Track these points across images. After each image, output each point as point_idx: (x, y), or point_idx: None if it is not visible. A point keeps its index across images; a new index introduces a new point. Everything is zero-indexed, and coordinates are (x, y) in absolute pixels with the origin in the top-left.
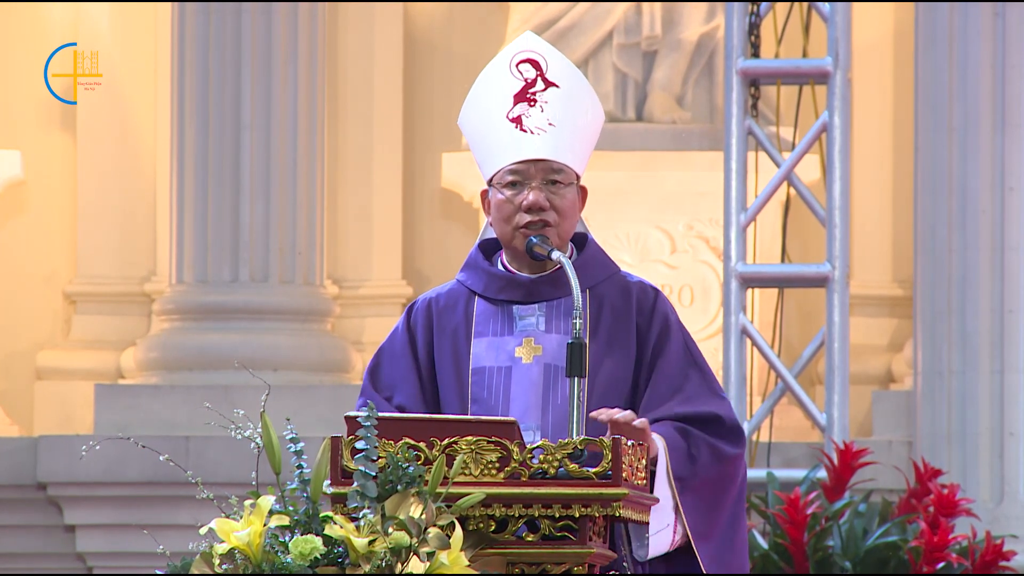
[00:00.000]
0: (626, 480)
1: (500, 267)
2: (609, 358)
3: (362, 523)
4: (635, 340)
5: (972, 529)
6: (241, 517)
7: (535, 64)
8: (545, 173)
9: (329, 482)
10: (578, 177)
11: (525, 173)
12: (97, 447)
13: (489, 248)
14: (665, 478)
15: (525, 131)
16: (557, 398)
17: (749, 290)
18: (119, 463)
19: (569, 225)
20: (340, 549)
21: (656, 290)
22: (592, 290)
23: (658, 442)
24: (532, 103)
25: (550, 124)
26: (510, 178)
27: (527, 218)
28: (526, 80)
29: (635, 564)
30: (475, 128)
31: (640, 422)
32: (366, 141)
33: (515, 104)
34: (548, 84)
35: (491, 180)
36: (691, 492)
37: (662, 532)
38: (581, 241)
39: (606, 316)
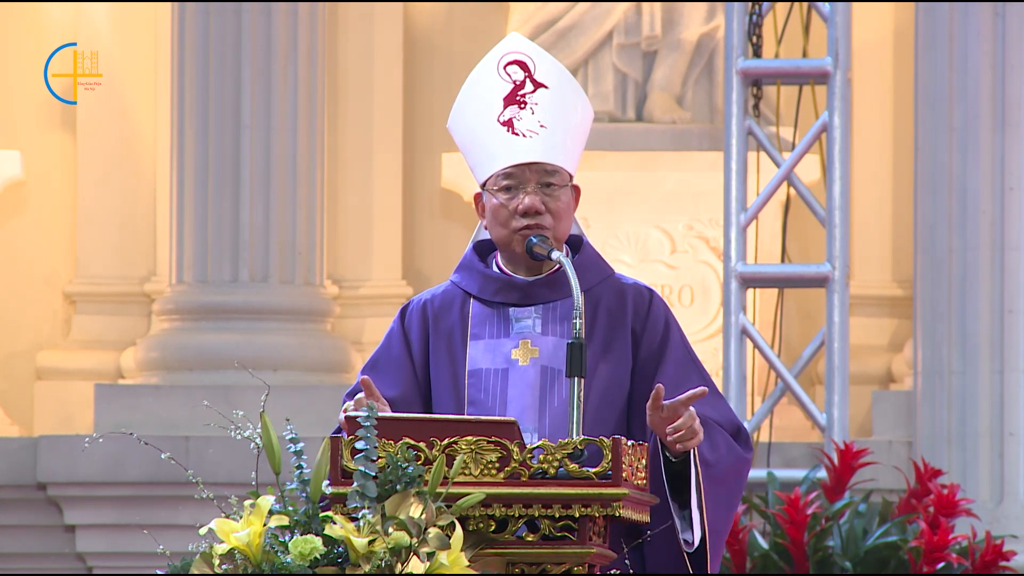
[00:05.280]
0: (626, 480)
1: (495, 269)
2: (605, 361)
3: (361, 523)
4: (631, 343)
5: (972, 529)
6: (241, 517)
7: (523, 66)
8: (539, 176)
9: (329, 482)
10: (571, 177)
11: (519, 177)
12: (100, 440)
13: (483, 250)
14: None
15: (517, 134)
16: (554, 400)
17: (749, 290)
18: (119, 463)
19: (565, 227)
20: (340, 549)
21: (651, 291)
22: (588, 293)
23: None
24: (522, 105)
25: (541, 126)
26: (504, 182)
27: (523, 222)
28: (515, 82)
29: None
30: (466, 132)
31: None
32: (366, 141)
33: (505, 107)
34: (537, 85)
35: (484, 184)
36: (710, 483)
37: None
38: (576, 243)
39: (601, 319)
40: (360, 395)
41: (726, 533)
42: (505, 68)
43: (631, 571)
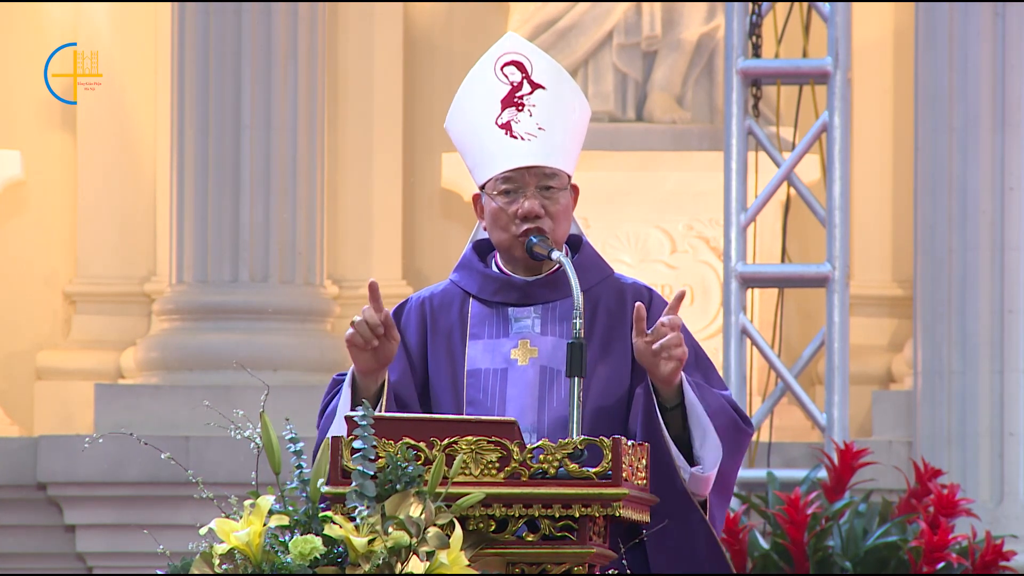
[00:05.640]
0: (626, 480)
1: (495, 268)
2: (604, 361)
3: (359, 522)
4: (631, 343)
5: (972, 529)
6: (241, 517)
7: (520, 66)
8: (538, 179)
9: (327, 481)
10: (570, 178)
11: (518, 180)
12: (100, 440)
13: (483, 249)
14: (697, 402)
15: (515, 137)
16: (553, 400)
17: (749, 290)
18: (119, 463)
19: (564, 229)
20: (340, 549)
21: (651, 291)
22: (587, 293)
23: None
24: (520, 108)
25: (540, 128)
26: (504, 186)
27: (524, 226)
28: (512, 84)
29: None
30: (464, 133)
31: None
32: (366, 141)
33: (503, 109)
34: (534, 86)
35: (483, 186)
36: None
37: (710, 455)
38: (576, 243)
39: (601, 319)
40: (366, 307)
41: (727, 499)
42: (502, 69)
43: (629, 571)
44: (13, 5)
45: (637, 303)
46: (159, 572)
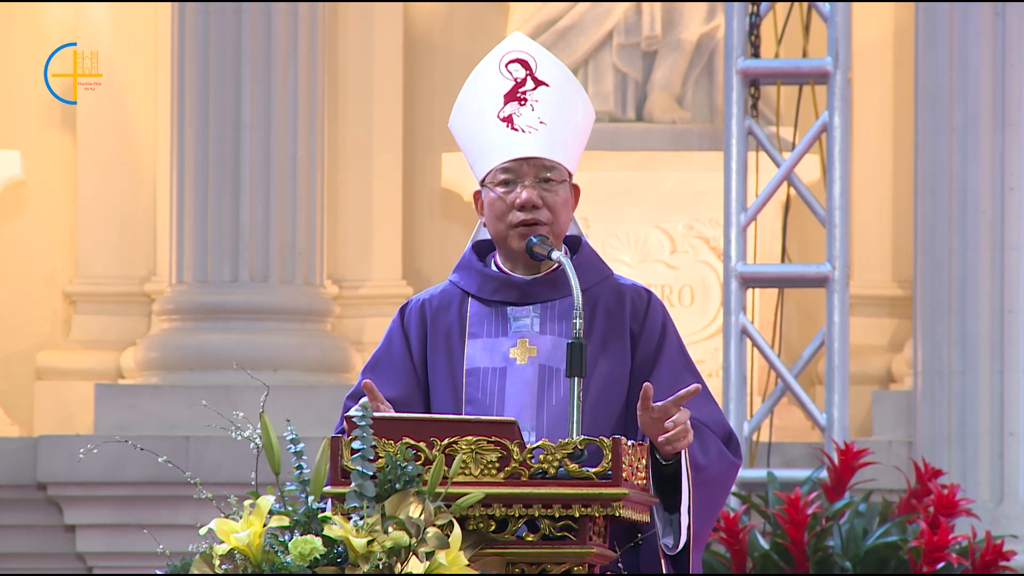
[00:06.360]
0: (626, 480)
1: (494, 268)
2: (604, 361)
3: (360, 523)
4: (629, 343)
5: (972, 529)
6: (241, 517)
7: (524, 64)
8: (537, 171)
9: (328, 482)
10: (570, 175)
11: (517, 171)
12: (95, 451)
13: (483, 249)
14: (685, 473)
15: (516, 130)
16: (552, 399)
17: (749, 290)
18: (119, 463)
19: (562, 223)
20: (339, 549)
21: (649, 292)
22: (586, 293)
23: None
24: (523, 102)
25: (541, 122)
26: (502, 176)
27: (520, 216)
28: (516, 80)
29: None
30: (466, 129)
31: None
32: (366, 141)
33: (506, 104)
34: (538, 83)
35: (483, 180)
36: (699, 488)
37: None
38: (575, 243)
39: (600, 319)
40: (364, 399)
41: (707, 537)
42: (507, 66)
43: (625, 572)
44: (13, 5)
45: (646, 384)
46: (159, 572)
